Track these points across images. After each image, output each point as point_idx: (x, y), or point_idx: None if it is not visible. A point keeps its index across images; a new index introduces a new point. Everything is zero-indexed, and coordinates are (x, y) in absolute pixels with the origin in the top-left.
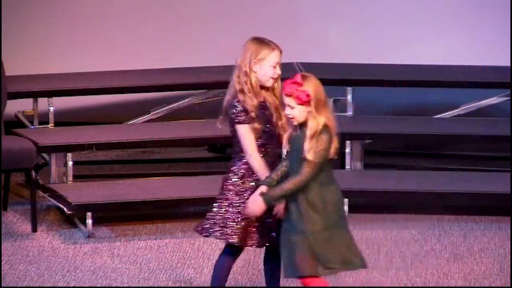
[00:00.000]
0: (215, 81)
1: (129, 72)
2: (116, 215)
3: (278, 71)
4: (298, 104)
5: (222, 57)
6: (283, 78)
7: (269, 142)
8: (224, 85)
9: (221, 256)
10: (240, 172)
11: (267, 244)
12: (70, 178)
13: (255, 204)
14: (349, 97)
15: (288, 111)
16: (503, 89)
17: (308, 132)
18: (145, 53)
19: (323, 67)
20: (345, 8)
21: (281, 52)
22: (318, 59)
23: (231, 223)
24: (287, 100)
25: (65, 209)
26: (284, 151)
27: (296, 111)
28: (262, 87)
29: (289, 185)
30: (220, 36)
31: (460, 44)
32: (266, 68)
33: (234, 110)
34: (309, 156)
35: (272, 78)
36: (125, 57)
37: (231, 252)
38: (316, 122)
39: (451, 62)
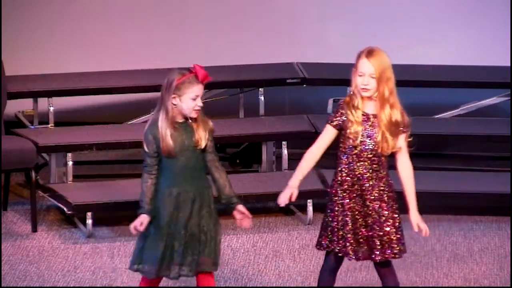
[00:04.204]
0: (215, 81)
1: (129, 72)
2: (116, 215)
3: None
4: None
5: (222, 57)
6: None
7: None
8: (224, 85)
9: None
10: None
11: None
12: (70, 178)
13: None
14: None
15: (201, 102)
16: (503, 89)
17: (201, 118)
18: (145, 53)
19: (323, 67)
20: (345, 8)
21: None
22: (318, 59)
23: None
24: (202, 89)
25: (65, 209)
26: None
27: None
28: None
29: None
30: (220, 36)
31: (460, 44)
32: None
33: None
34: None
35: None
36: (125, 57)
37: None
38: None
39: (451, 62)
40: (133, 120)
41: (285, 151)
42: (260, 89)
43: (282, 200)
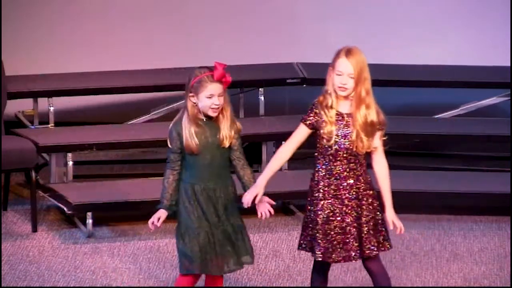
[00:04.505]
0: None
1: (129, 72)
2: (116, 215)
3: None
4: (225, 89)
5: (222, 57)
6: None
7: None
8: None
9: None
10: None
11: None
12: (70, 178)
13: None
14: None
15: (220, 100)
16: (502, 89)
17: (230, 118)
18: (145, 53)
19: (323, 67)
20: (345, 8)
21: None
22: (318, 59)
23: None
24: (219, 88)
25: (65, 209)
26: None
27: (223, 99)
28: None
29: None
30: (220, 37)
31: (460, 44)
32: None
33: None
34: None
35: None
36: (125, 57)
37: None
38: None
39: (451, 62)
40: (133, 120)
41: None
42: (260, 89)
43: (246, 201)
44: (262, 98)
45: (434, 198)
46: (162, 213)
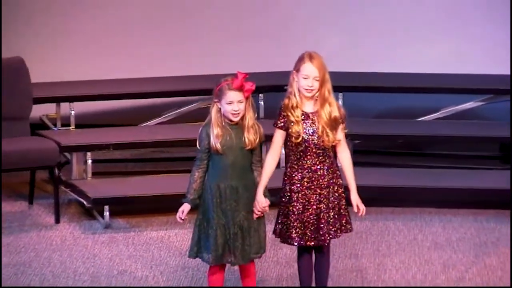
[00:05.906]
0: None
1: (143, 79)
2: (131, 208)
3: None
4: (246, 97)
5: (224, 63)
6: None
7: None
8: None
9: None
10: None
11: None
12: (90, 175)
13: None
14: (340, 102)
15: (239, 106)
16: (479, 94)
17: (251, 122)
18: (157, 62)
19: None
20: (339, 20)
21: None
22: None
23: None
24: (238, 95)
25: (85, 202)
26: (218, 146)
27: (243, 105)
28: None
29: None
30: (223, 44)
31: (460, 45)
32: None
33: None
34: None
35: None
36: (139, 65)
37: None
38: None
39: (449, 62)
40: (146, 123)
41: (282, 151)
42: (260, 94)
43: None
44: (262, 103)
45: (417, 192)
46: (185, 207)
